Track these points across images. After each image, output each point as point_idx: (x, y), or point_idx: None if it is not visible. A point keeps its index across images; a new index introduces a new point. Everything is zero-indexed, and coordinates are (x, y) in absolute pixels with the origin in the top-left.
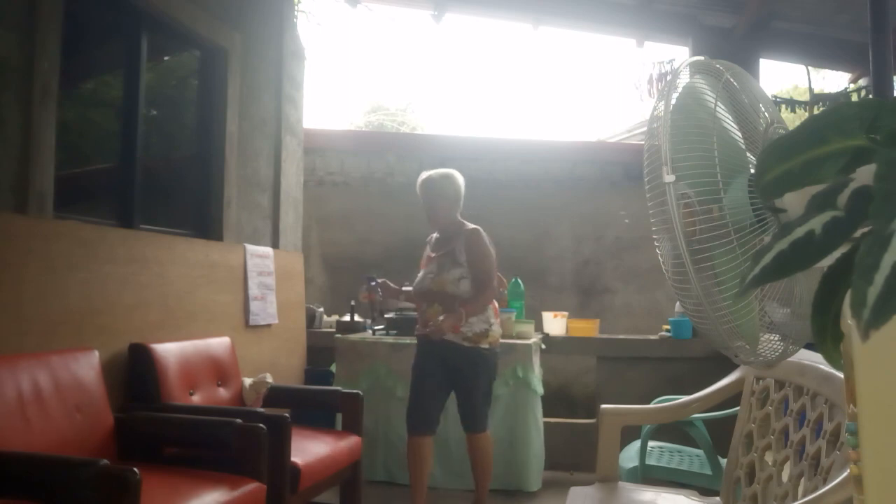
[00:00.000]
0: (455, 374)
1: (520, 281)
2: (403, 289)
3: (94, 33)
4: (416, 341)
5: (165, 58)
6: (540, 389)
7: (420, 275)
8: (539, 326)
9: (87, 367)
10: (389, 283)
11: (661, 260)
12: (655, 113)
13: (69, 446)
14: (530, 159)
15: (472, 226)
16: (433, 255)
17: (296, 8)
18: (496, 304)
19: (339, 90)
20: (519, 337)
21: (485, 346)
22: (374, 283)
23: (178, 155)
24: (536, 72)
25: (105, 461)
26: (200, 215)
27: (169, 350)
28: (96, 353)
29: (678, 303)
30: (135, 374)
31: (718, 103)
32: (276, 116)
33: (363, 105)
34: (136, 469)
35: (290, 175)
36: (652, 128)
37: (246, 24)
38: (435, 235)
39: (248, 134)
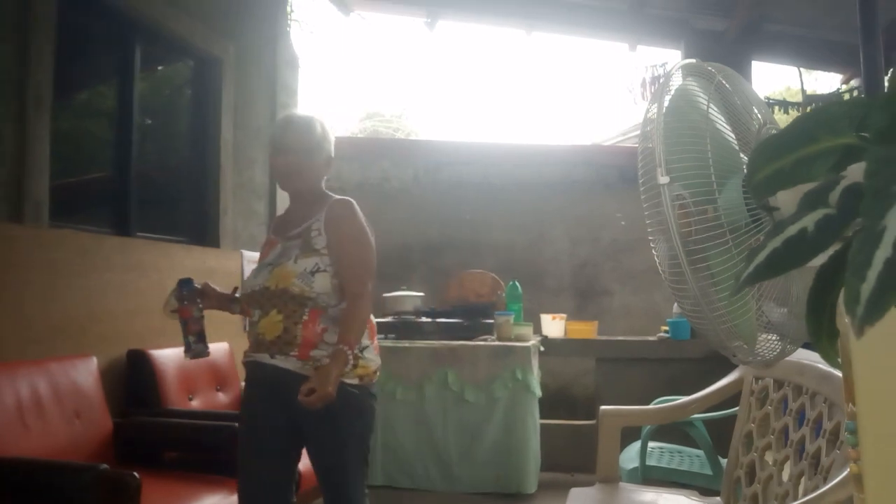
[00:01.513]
0: (304, 427)
1: (517, 284)
2: (236, 295)
3: (88, 44)
4: (413, 343)
5: (159, 67)
6: (538, 392)
7: (253, 269)
8: (537, 329)
9: (86, 373)
10: (214, 286)
11: (657, 261)
12: (649, 115)
13: (69, 452)
14: (525, 163)
15: (340, 197)
16: (275, 238)
17: (289, 17)
18: (373, 318)
19: (334, 97)
20: (517, 339)
21: (351, 381)
22: (187, 291)
23: (174, 163)
24: (530, 76)
25: (105, 466)
26: (197, 223)
27: (168, 356)
28: (95, 359)
29: (676, 304)
30: (134, 379)
31: (711, 105)
32: (271, 125)
33: (358, 112)
34: (135, 473)
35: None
36: (646, 130)
37: (239, 33)
38: (280, 215)
39: (243, 142)
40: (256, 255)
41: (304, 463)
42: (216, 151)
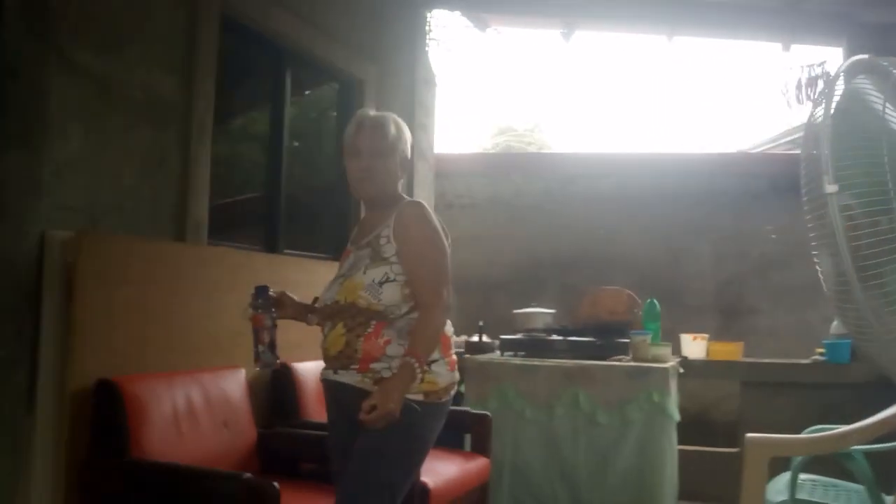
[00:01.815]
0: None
1: (655, 301)
2: (315, 305)
3: (243, 72)
4: (543, 362)
5: (306, 92)
6: (676, 416)
7: (329, 282)
8: (676, 349)
9: (235, 384)
10: (291, 295)
11: (821, 277)
12: (813, 119)
13: (216, 459)
14: (665, 173)
15: (411, 199)
16: (350, 248)
17: (427, 36)
18: (449, 328)
19: (468, 114)
20: (655, 360)
21: (415, 396)
22: (262, 299)
23: (319, 183)
24: (670, 83)
25: (248, 474)
26: (339, 239)
27: (309, 369)
28: (243, 371)
29: (835, 323)
30: (277, 391)
31: (887, 105)
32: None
33: (491, 127)
34: (275, 483)
35: (423, 199)
36: (809, 135)
37: (381, 55)
38: (359, 223)
39: None
40: None
41: (434, 483)
42: None
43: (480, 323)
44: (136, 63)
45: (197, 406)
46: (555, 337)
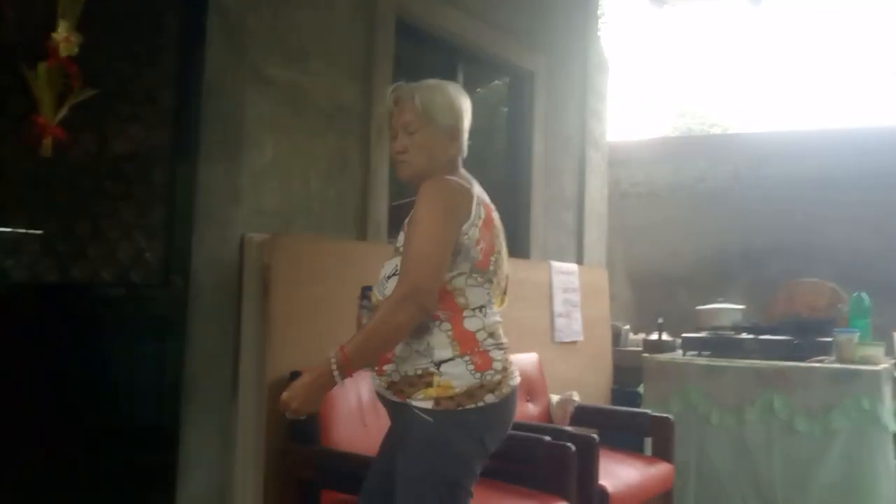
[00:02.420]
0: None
1: (864, 296)
2: None
3: (417, 74)
4: (731, 363)
5: (477, 89)
6: (892, 426)
7: None
8: (890, 350)
9: None
10: None
11: None
12: None
13: None
14: (872, 150)
15: (442, 177)
16: (393, 242)
17: (599, 20)
18: (469, 326)
19: (644, 98)
20: (864, 362)
21: (421, 402)
22: (366, 300)
23: (490, 179)
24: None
25: None
26: (508, 234)
27: None
28: None
29: None
30: None
31: None
32: (580, 132)
33: (669, 110)
34: None
35: (594, 190)
36: None
37: (551, 44)
38: None
39: (553, 153)
40: (565, 266)
41: (614, 487)
42: (528, 165)
43: (660, 320)
44: (320, 73)
45: None
46: (744, 335)
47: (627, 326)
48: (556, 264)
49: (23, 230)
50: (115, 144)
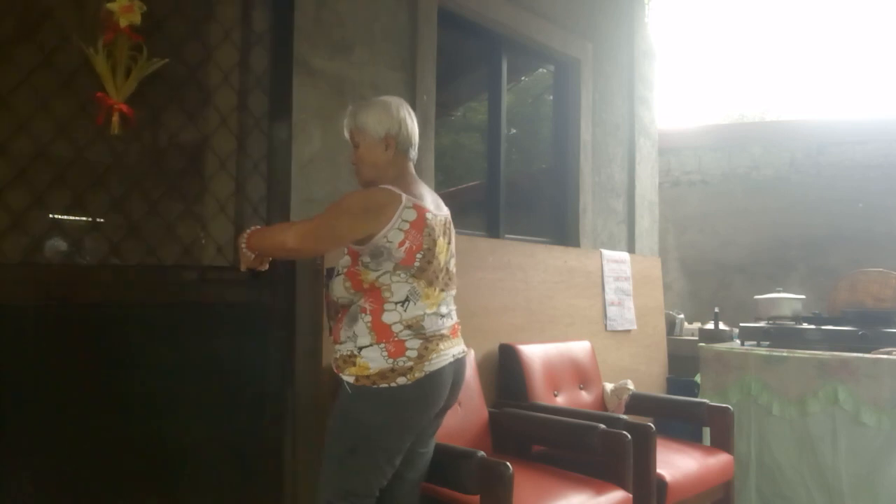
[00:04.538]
0: None
1: None
2: None
3: (461, 63)
4: (792, 353)
5: (522, 78)
6: None
7: None
8: None
9: (467, 364)
10: None
11: None
12: None
13: (454, 436)
14: None
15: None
16: None
17: (647, 5)
18: (387, 319)
19: (695, 84)
20: None
21: (347, 377)
22: (328, 280)
23: (537, 168)
24: None
25: (482, 453)
26: (558, 223)
27: (534, 351)
28: (472, 351)
29: None
30: (505, 372)
31: None
32: (628, 120)
33: (721, 96)
34: (508, 463)
35: (645, 178)
36: None
37: (597, 31)
38: None
39: (601, 140)
40: (616, 254)
41: (672, 476)
42: (576, 152)
43: (716, 309)
44: (364, 64)
45: None
46: (805, 325)
47: (682, 315)
48: (607, 252)
49: (96, 218)
50: (198, 120)
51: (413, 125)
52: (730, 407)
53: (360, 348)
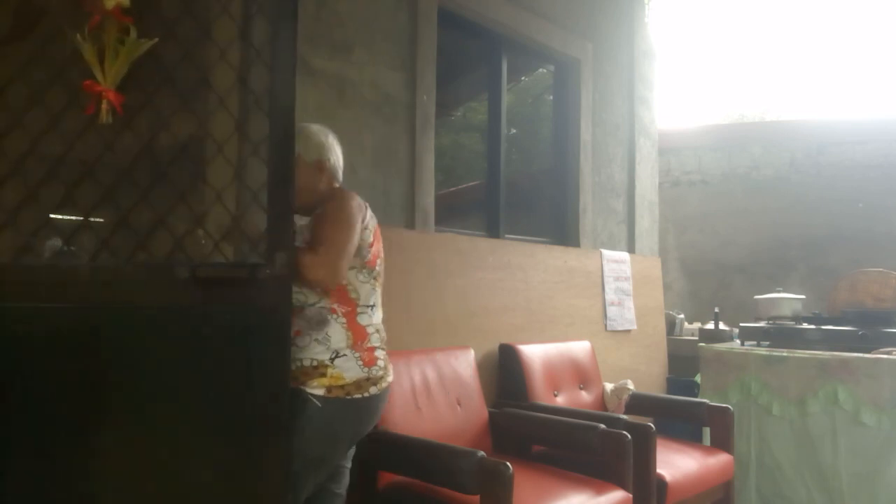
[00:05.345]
0: None
1: None
2: None
3: (461, 63)
4: (792, 353)
5: (522, 78)
6: None
7: None
8: None
9: (465, 363)
10: None
11: None
12: None
13: (452, 436)
14: None
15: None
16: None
17: (646, 5)
18: (363, 322)
19: (694, 84)
20: None
21: (314, 390)
22: None
23: (536, 168)
24: None
25: (482, 453)
26: (558, 223)
27: (534, 351)
28: (472, 351)
29: None
30: (505, 372)
31: None
32: (628, 120)
33: (721, 96)
34: (508, 463)
35: (645, 178)
36: None
37: (596, 31)
38: None
39: (601, 140)
40: (616, 254)
41: (672, 476)
42: (576, 153)
43: (716, 309)
44: (364, 64)
45: (432, 384)
46: (805, 325)
47: (682, 315)
48: (607, 252)
49: (96, 212)
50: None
51: (339, 151)
52: (730, 407)
53: (333, 358)
